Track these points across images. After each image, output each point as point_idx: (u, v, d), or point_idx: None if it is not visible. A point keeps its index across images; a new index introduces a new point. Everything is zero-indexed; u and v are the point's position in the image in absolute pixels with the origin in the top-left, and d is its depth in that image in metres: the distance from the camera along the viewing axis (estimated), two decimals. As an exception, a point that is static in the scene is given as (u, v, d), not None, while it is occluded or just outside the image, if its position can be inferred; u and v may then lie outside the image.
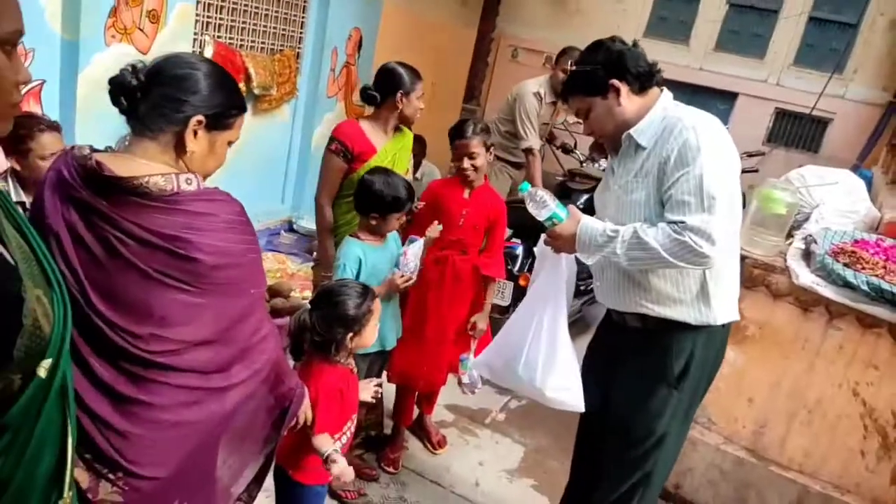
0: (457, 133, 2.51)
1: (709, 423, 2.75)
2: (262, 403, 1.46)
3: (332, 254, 2.48)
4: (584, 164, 4.75)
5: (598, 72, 1.76)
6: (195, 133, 1.23)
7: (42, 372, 0.90)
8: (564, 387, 1.93)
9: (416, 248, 2.32)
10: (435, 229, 2.44)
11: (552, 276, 1.94)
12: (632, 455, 1.94)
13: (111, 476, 1.24)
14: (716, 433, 2.74)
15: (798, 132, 6.75)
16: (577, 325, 3.87)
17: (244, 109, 1.34)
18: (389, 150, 2.58)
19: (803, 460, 2.62)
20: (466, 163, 2.48)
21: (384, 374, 2.60)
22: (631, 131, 1.78)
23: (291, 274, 3.81)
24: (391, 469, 2.72)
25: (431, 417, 2.96)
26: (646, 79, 1.78)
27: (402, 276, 2.29)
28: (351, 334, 1.76)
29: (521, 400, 3.44)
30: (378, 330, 2.29)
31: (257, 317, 1.35)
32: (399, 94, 2.52)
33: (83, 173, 1.18)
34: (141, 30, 3.35)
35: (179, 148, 1.23)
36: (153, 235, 1.16)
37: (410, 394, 2.79)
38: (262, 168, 4.67)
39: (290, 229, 4.66)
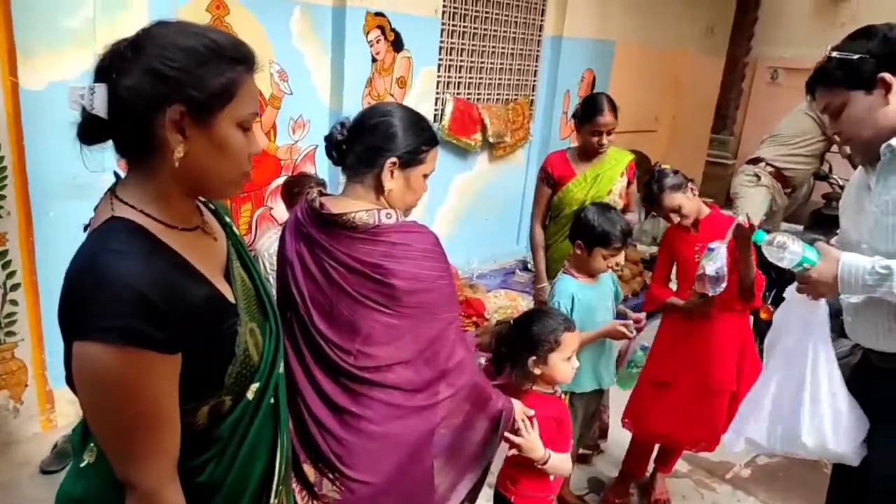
0: (649, 199, 2.38)
1: None
2: (471, 421, 1.55)
3: (541, 268, 2.90)
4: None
5: (866, 62, 1.49)
6: (391, 173, 1.40)
7: (250, 395, 1.02)
8: (855, 438, 1.68)
9: (718, 257, 2.08)
10: (742, 219, 2.13)
11: (810, 325, 1.69)
12: None
13: (330, 475, 1.43)
14: None
15: None
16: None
17: (435, 143, 1.47)
18: (590, 174, 2.78)
19: None
20: (675, 217, 2.34)
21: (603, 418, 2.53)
22: (892, 142, 1.50)
23: (522, 311, 3.92)
24: (614, 514, 2.60)
25: (665, 476, 2.74)
26: None
27: (629, 323, 2.21)
28: (534, 358, 1.74)
29: (772, 456, 3.03)
30: (592, 368, 2.28)
31: (452, 340, 1.46)
32: (577, 124, 2.80)
33: (311, 213, 1.43)
34: (391, 95, 3.83)
35: (379, 187, 1.41)
36: (358, 263, 1.35)
37: (651, 446, 2.65)
38: (498, 210, 4.93)
39: (525, 268, 4.80)
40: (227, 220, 1.15)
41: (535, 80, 4.96)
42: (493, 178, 4.79)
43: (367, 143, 1.41)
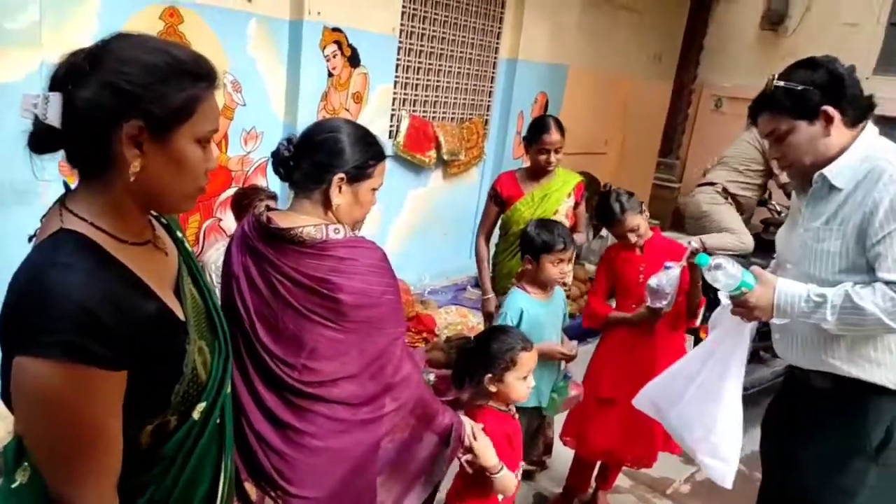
0: (609, 217, 2.43)
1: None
2: (418, 436, 1.56)
3: (486, 279, 2.97)
4: (782, 215, 4.37)
5: (811, 93, 1.55)
6: (339, 188, 1.41)
7: (196, 415, 1.00)
8: (721, 457, 1.76)
9: (670, 277, 2.21)
10: (697, 245, 2.32)
11: (733, 340, 1.77)
12: None
13: (272, 493, 1.41)
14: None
15: None
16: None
17: (383, 157, 1.49)
18: (537, 194, 2.85)
19: None
20: (633, 237, 2.43)
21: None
22: (824, 171, 1.58)
23: (472, 327, 3.95)
24: (558, 531, 2.64)
25: (607, 493, 2.81)
26: (862, 111, 1.58)
27: (567, 354, 2.26)
28: (490, 375, 1.77)
29: (711, 473, 3.13)
30: (535, 384, 2.31)
31: (398, 356, 1.46)
32: (526, 145, 2.88)
33: (258, 227, 1.42)
34: (347, 110, 3.84)
35: (327, 202, 1.42)
36: (305, 277, 1.35)
37: (592, 464, 2.70)
38: (451, 227, 4.97)
39: (476, 285, 4.83)
40: (179, 235, 1.14)
41: (489, 101, 5.05)
42: (446, 195, 4.84)
43: (314, 158, 1.42)
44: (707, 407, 1.77)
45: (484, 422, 1.77)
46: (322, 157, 1.41)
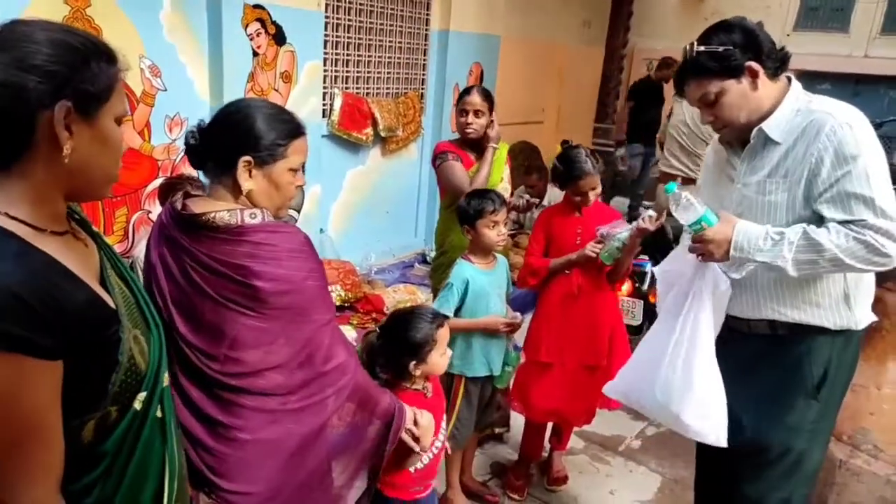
0: (575, 173, 2.42)
1: (875, 451, 2.39)
2: (361, 422, 1.53)
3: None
4: None
5: (733, 52, 1.59)
6: (249, 173, 1.34)
7: (137, 405, 0.98)
8: (703, 415, 1.75)
9: (620, 230, 2.31)
10: (652, 223, 2.32)
11: (696, 289, 1.75)
12: (768, 477, 1.75)
13: (206, 489, 1.36)
14: (884, 462, 2.38)
15: None
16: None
17: (297, 135, 1.39)
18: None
19: None
20: (591, 195, 2.43)
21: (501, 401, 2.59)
22: (762, 126, 1.63)
23: (420, 304, 3.95)
24: (516, 496, 2.67)
25: (561, 454, 2.86)
26: (780, 62, 1.64)
27: (512, 321, 2.29)
28: (415, 361, 1.76)
29: (660, 427, 3.23)
30: (484, 354, 2.33)
31: (327, 343, 1.41)
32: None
33: (174, 214, 1.35)
34: (276, 90, 3.72)
35: (237, 188, 1.34)
36: (220, 264, 1.29)
37: (543, 427, 2.74)
38: (394, 205, 4.93)
39: (423, 261, 4.83)
40: (94, 229, 1.09)
41: (424, 74, 4.98)
42: (386, 173, 4.78)
43: (223, 142, 1.35)
44: (683, 371, 1.77)
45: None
46: (229, 140, 1.34)
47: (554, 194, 4.70)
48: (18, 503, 0.85)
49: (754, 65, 1.59)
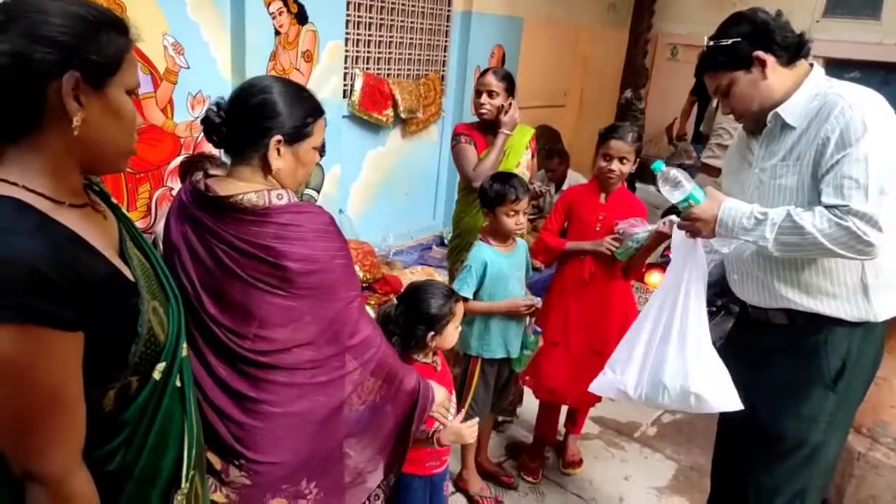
0: (612, 133, 2.41)
1: (894, 444, 2.37)
2: (385, 398, 1.54)
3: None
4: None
5: (741, 44, 1.63)
6: (278, 151, 1.35)
7: (157, 374, 1.00)
8: (712, 382, 1.75)
9: (640, 230, 2.28)
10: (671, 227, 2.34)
11: (688, 265, 1.78)
12: (784, 468, 1.75)
13: (236, 462, 1.39)
14: (905, 455, 2.35)
15: None
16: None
17: (321, 113, 1.41)
18: None
19: None
20: (615, 164, 2.39)
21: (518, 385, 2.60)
22: (778, 110, 1.63)
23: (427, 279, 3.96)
24: (531, 478, 2.69)
25: (576, 437, 2.87)
26: (794, 50, 1.64)
27: (530, 304, 2.29)
28: (432, 333, 1.80)
29: (676, 414, 3.23)
30: (502, 336, 2.33)
31: (354, 319, 1.43)
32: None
33: (196, 195, 1.36)
34: (297, 69, 3.71)
35: (267, 167, 1.35)
36: (249, 245, 1.30)
37: (556, 410, 2.74)
38: (413, 187, 4.91)
39: (442, 243, 4.82)
40: (114, 201, 1.10)
41: (445, 56, 4.94)
42: (406, 154, 4.76)
43: (249, 122, 1.34)
44: (678, 343, 1.78)
45: None
46: (257, 120, 1.34)
47: (573, 178, 4.67)
48: (42, 469, 0.87)
49: (762, 54, 1.61)
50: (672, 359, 1.78)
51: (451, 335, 1.85)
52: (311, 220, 1.35)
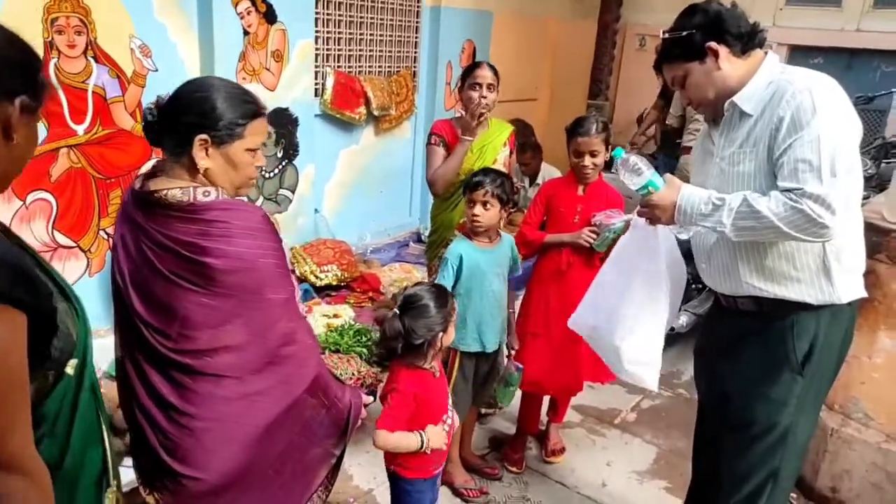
0: (578, 129, 2.43)
1: (865, 419, 2.44)
2: (315, 415, 1.51)
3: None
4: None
5: (693, 36, 1.66)
6: (205, 151, 1.34)
7: (70, 370, 1.01)
8: (641, 361, 1.86)
9: (616, 225, 2.31)
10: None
11: (647, 246, 1.83)
12: (756, 451, 1.79)
13: (160, 475, 1.38)
14: (875, 430, 2.43)
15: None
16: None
17: (256, 116, 1.39)
18: (476, 145, 2.71)
19: None
20: (587, 160, 2.42)
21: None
22: (734, 98, 1.67)
23: (416, 283, 3.96)
24: (514, 469, 2.72)
25: (558, 426, 2.91)
26: (747, 39, 1.67)
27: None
28: (442, 333, 1.80)
29: (655, 399, 3.29)
30: (476, 329, 2.34)
31: (284, 324, 1.40)
32: (459, 91, 2.75)
33: (133, 195, 1.37)
34: (267, 69, 3.68)
35: (194, 166, 1.34)
36: (171, 241, 1.30)
37: (538, 401, 2.77)
38: (388, 184, 4.91)
39: (418, 240, 4.84)
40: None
41: (416, 52, 4.94)
42: (380, 152, 4.76)
43: (181, 120, 1.34)
44: (625, 311, 1.85)
45: (403, 382, 1.79)
46: (187, 118, 1.33)
47: (547, 172, 4.70)
48: (4, 451, 0.87)
49: (715, 45, 1.64)
50: (624, 321, 1.88)
51: (452, 331, 1.88)
52: (239, 217, 1.34)
